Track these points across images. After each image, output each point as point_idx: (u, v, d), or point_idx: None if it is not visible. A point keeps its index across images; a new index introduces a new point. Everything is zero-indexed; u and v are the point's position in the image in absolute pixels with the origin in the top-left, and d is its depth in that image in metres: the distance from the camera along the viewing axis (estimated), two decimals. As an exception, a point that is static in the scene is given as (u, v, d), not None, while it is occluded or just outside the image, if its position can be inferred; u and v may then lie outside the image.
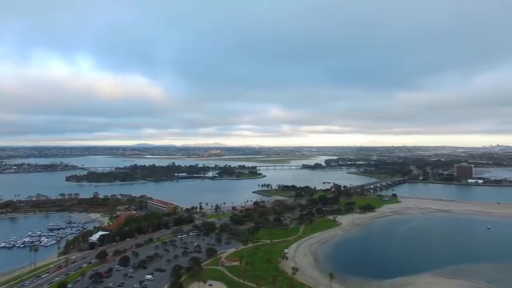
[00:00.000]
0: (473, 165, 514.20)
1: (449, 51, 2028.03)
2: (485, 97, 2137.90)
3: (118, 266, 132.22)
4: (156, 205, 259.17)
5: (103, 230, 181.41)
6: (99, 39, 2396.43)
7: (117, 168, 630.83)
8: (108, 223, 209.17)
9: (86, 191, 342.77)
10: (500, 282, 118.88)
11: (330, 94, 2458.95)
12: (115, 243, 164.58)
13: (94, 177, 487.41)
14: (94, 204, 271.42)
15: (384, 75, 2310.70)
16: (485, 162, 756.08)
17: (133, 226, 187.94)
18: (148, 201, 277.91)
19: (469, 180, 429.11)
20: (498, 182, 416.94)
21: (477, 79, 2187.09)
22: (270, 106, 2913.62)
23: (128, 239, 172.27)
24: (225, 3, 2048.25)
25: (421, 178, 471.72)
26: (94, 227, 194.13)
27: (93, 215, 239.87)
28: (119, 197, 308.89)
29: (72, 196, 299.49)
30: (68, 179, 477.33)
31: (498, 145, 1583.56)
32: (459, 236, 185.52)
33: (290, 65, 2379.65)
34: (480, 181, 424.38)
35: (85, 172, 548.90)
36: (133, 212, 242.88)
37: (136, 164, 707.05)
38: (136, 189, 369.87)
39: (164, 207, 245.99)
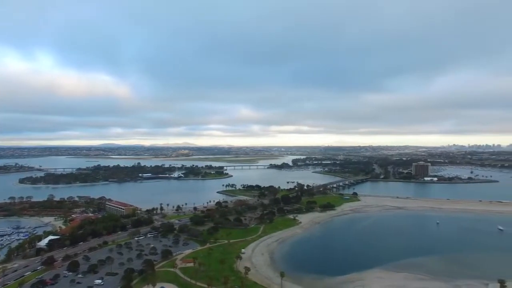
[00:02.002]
0: (429, 164, 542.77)
1: (408, 55, 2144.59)
2: (442, 99, 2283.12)
3: (66, 272, 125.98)
4: (115, 206, 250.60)
5: (54, 235, 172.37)
6: (61, 35, 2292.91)
7: (79, 169, 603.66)
8: (60, 227, 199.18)
9: (42, 193, 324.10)
10: (441, 273, 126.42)
11: (298, 95, 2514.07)
12: (66, 247, 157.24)
13: (52, 178, 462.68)
14: (48, 207, 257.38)
15: (350, 77, 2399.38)
16: (442, 160, 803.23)
17: (88, 229, 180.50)
18: (107, 202, 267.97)
19: (426, 178, 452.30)
20: (450, 180, 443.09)
21: (435, 82, 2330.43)
22: (240, 106, 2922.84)
23: (81, 243, 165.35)
24: (192, 3, 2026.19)
25: (382, 176, 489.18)
26: (44, 232, 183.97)
27: (46, 219, 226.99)
28: (77, 199, 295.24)
29: (24, 200, 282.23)
30: (22, 181, 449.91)
31: (454, 145, 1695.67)
32: (411, 232, 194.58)
33: (259, 66, 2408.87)
34: (435, 178, 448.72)
35: (42, 174, 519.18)
36: (90, 214, 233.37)
37: (99, 165, 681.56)
38: (97, 191, 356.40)
39: (123, 209, 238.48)
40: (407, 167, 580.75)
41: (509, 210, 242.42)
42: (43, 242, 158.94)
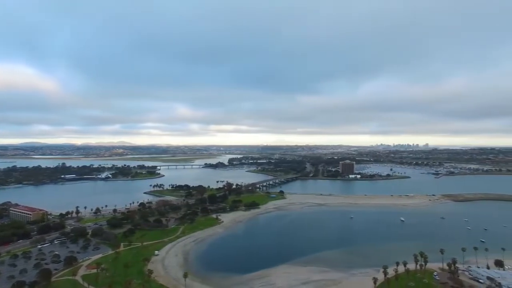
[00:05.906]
0: (354, 162, 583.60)
1: (338, 61, 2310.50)
2: (367, 103, 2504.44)
3: None
4: (20, 212, 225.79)
5: None
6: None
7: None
8: None
9: None
10: (342, 264, 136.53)
11: (236, 95, 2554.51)
12: None
13: None
14: None
15: (286, 80, 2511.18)
16: (368, 159, 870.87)
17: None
18: (12, 208, 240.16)
19: (350, 176, 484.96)
20: (371, 177, 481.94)
21: (361, 87, 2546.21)
22: (178, 105, 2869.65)
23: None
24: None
25: (311, 175, 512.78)
26: None
27: None
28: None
29: None
30: None
31: (382, 144, 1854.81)
32: (326, 227, 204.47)
33: (197, 66, 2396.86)
34: (358, 176, 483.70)
35: None
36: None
37: (15, 166, 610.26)
38: (5, 195, 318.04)
39: (30, 214, 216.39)
40: (337, 166, 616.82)
41: (412, 203, 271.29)
42: None
